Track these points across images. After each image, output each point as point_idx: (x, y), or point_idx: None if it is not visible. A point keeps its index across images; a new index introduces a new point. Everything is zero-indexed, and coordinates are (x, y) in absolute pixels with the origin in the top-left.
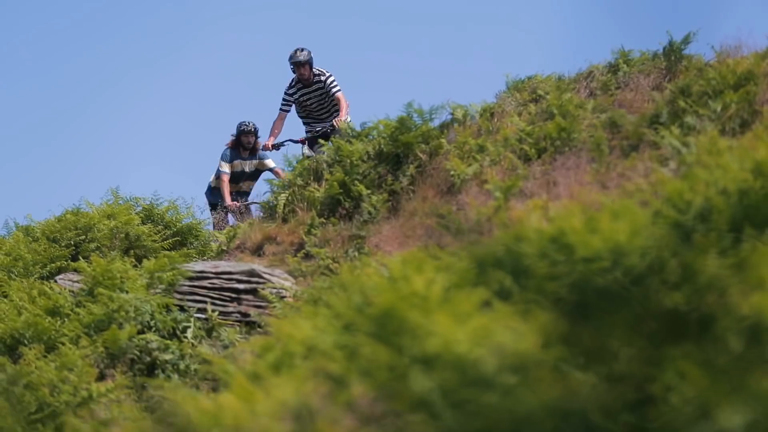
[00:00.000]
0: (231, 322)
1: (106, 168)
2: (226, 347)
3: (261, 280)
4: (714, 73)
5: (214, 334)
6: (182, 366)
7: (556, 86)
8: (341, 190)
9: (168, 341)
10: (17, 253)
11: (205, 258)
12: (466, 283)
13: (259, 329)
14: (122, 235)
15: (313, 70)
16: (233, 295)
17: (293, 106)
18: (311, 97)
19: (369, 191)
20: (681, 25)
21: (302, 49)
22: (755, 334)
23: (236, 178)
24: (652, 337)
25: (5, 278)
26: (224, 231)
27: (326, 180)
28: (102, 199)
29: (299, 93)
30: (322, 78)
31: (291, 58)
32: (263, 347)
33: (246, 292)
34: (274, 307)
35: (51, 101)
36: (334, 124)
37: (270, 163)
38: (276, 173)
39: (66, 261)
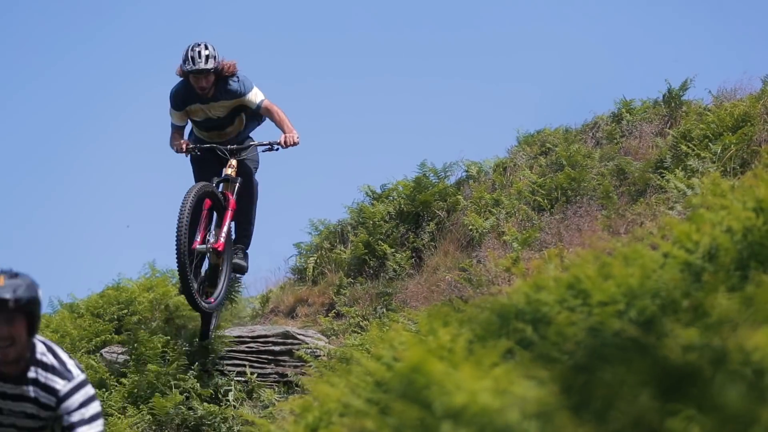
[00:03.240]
0: (269, 383)
1: (140, 242)
2: (266, 407)
3: (296, 341)
4: (713, 117)
5: (254, 395)
6: (225, 428)
7: (564, 138)
8: (366, 251)
9: (211, 405)
10: (64, 330)
11: (241, 323)
12: (490, 334)
13: (296, 388)
14: (162, 307)
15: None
16: (270, 357)
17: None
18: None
19: (393, 250)
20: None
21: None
22: (761, 370)
23: (204, 126)
24: (667, 376)
25: None
26: (258, 296)
27: (351, 241)
28: (139, 273)
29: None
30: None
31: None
32: (301, 407)
33: (282, 353)
34: (310, 366)
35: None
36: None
37: (253, 97)
38: (270, 114)
39: (110, 335)
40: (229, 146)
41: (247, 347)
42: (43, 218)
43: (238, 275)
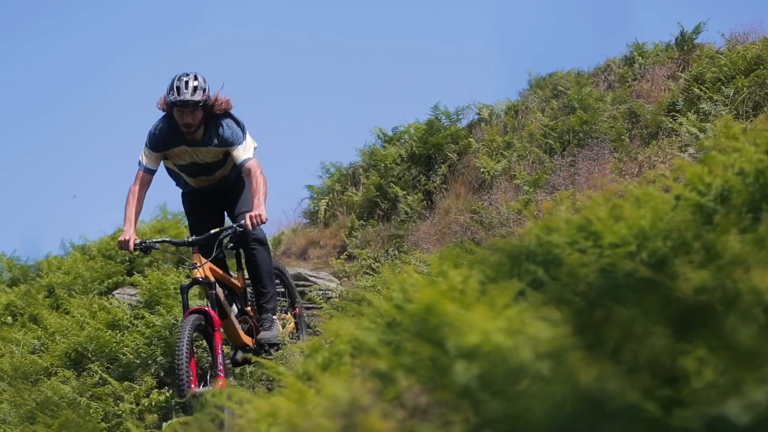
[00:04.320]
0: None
1: (152, 187)
2: (278, 349)
3: (307, 283)
4: (725, 60)
5: None
6: (237, 369)
7: (576, 81)
8: (378, 193)
9: (224, 346)
10: (76, 272)
11: None
12: (501, 276)
13: (308, 330)
14: (173, 248)
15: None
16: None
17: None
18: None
19: (404, 192)
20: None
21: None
22: None
23: (189, 171)
24: (679, 316)
25: (66, 296)
26: (269, 238)
27: (363, 184)
28: (151, 215)
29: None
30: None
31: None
32: (312, 348)
33: None
34: (321, 308)
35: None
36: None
37: (241, 152)
38: (248, 176)
39: (122, 276)
40: (187, 238)
41: None
42: (58, 160)
43: (271, 349)
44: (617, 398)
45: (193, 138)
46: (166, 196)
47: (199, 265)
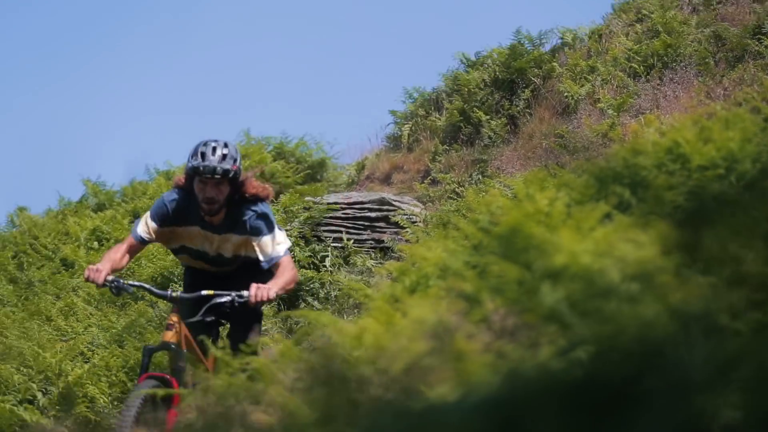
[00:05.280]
0: (366, 249)
1: (235, 110)
2: (362, 273)
3: (392, 208)
4: None
5: (351, 261)
6: (322, 293)
7: (660, 5)
8: (461, 118)
9: (308, 271)
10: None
11: (337, 190)
12: (587, 199)
13: (392, 254)
14: (258, 174)
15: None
16: (366, 224)
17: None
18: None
19: (488, 117)
20: None
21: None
22: None
23: (194, 256)
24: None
25: None
26: (353, 163)
27: (446, 109)
28: (235, 140)
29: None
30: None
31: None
32: (399, 270)
33: (378, 219)
34: (406, 232)
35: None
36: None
37: (269, 245)
38: (277, 269)
39: None
40: (171, 293)
41: (343, 213)
42: (145, 89)
43: None
44: (707, 319)
45: (210, 220)
46: (250, 121)
47: (173, 326)
